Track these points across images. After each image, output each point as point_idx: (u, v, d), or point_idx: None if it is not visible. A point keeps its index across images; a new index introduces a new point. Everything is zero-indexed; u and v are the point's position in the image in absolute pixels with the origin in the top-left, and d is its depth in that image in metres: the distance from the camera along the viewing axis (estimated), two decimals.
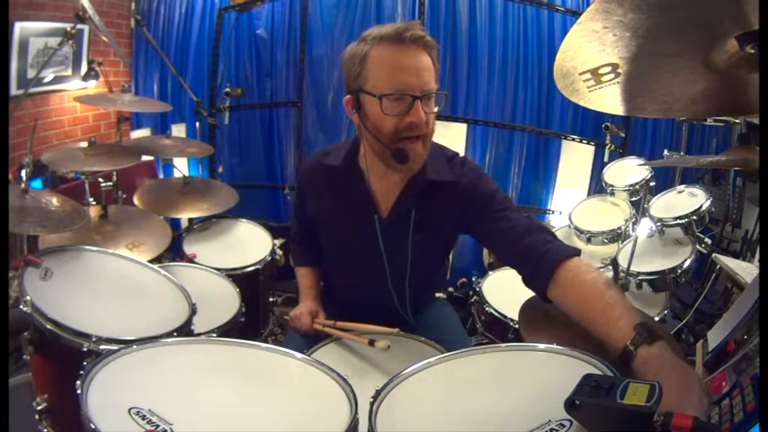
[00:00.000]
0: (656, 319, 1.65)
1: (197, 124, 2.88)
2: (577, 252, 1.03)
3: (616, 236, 2.10)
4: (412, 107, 1.02)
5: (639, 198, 2.21)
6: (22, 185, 1.42)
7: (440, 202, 1.18)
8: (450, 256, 3.03)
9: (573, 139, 3.00)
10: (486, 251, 2.66)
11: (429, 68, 1.04)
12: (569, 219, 2.27)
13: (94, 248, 1.40)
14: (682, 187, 2.11)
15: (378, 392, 0.80)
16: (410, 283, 1.24)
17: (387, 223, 1.20)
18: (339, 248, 1.33)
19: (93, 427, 0.67)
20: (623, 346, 0.80)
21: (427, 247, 1.22)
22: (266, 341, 1.83)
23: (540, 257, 1.02)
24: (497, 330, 1.72)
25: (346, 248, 1.30)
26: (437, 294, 1.53)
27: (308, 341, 1.26)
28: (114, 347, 0.91)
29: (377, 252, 1.21)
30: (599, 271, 1.00)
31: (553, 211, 3.11)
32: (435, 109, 1.08)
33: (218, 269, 1.79)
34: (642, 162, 2.41)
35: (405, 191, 1.18)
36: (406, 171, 1.14)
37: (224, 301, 1.64)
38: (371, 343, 1.10)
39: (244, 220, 2.22)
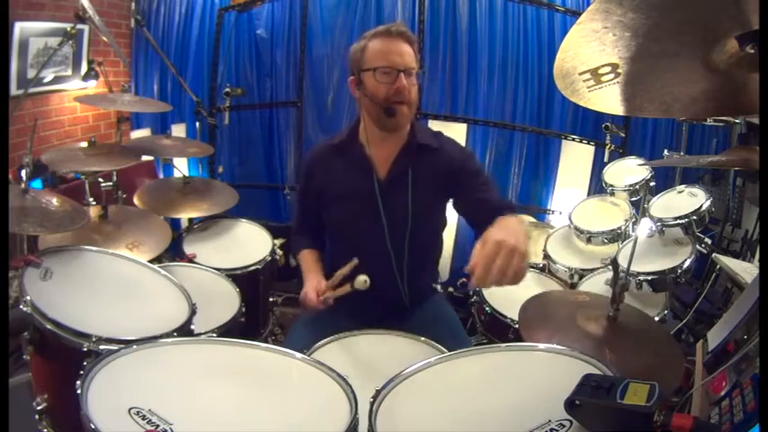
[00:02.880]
0: (656, 319, 1.65)
1: (197, 124, 2.87)
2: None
3: (616, 236, 2.09)
4: (398, 78, 1.30)
5: (639, 198, 2.21)
6: (22, 185, 1.42)
7: (430, 163, 1.40)
8: (450, 256, 3.05)
9: (573, 139, 3.00)
10: None
11: (410, 53, 1.35)
12: (569, 219, 2.27)
13: (94, 248, 1.41)
14: (682, 187, 2.10)
15: (378, 392, 0.80)
16: (409, 246, 1.38)
17: (385, 184, 1.38)
18: (341, 214, 1.43)
19: (93, 427, 0.67)
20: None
21: (423, 206, 1.39)
22: (266, 341, 1.83)
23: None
24: (497, 330, 1.72)
25: (348, 212, 1.42)
26: (434, 285, 1.59)
27: (308, 341, 1.26)
28: (114, 347, 0.91)
29: (376, 212, 1.36)
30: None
31: (553, 211, 3.10)
32: (415, 83, 1.36)
33: (218, 269, 1.79)
34: (642, 162, 2.40)
35: (400, 154, 1.40)
36: (399, 138, 1.40)
37: (224, 301, 1.64)
38: (352, 285, 1.19)
39: (244, 220, 2.21)
